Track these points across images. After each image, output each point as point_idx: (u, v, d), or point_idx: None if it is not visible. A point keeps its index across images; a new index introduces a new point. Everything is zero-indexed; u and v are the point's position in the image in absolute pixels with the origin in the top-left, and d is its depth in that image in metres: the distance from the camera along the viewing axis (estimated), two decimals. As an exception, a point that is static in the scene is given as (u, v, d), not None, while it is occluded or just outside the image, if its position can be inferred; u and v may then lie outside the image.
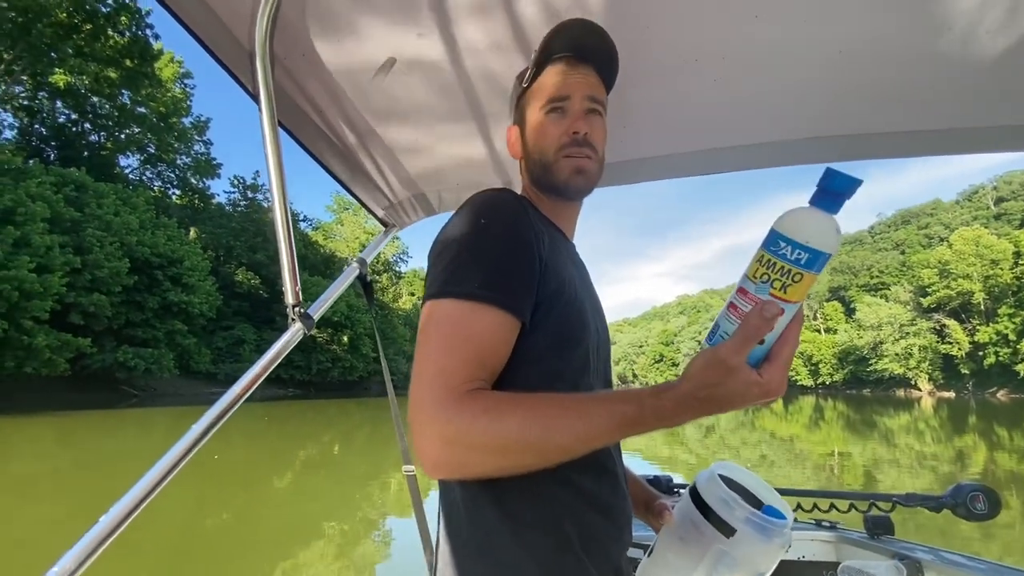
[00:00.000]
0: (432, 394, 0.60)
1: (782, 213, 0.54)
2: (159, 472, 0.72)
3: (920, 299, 60.95)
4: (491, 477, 0.62)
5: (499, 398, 0.62)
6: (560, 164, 0.80)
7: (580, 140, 0.80)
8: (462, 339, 0.63)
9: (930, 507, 1.36)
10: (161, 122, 34.52)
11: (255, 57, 0.80)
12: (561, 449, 0.59)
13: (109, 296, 23.62)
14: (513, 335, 0.67)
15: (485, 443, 0.58)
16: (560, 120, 0.80)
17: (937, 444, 14.88)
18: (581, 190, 0.83)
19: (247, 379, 0.86)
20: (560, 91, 0.80)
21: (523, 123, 0.86)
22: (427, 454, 0.59)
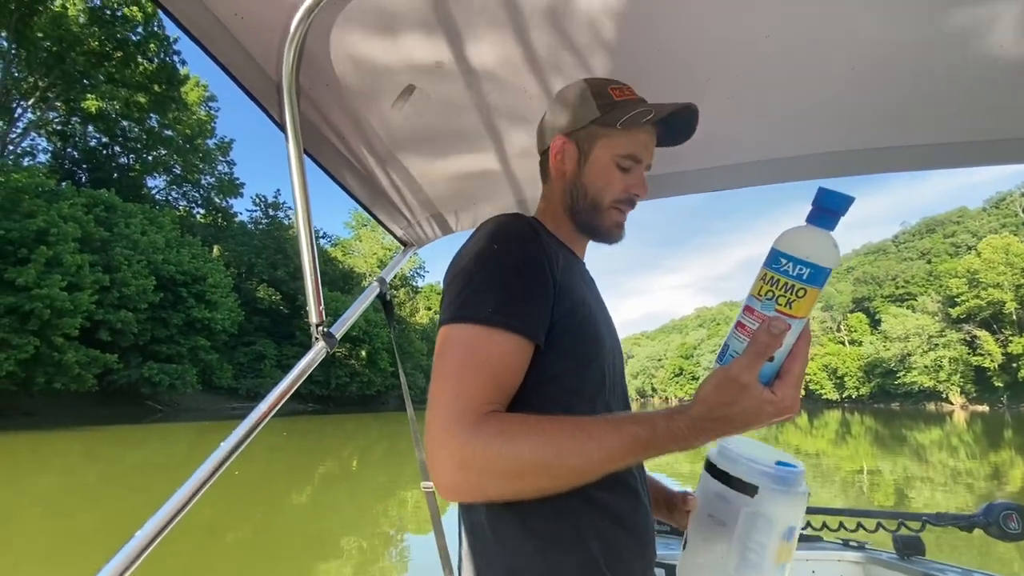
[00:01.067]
0: (447, 418, 0.61)
1: (781, 233, 0.56)
2: (191, 487, 0.74)
3: (949, 309, 59.14)
4: (507, 500, 0.64)
5: (512, 421, 0.63)
6: (610, 213, 0.85)
7: (633, 201, 0.86)
8: (476, 363, 0.64)
9: (961, 526, 1.32)
10: (187, 144, 35.69)
11: (282, 89, 0.84)
12: (575, 472, 0.60)
13: (136, 313, 24.22)
14: (527, 358, 0.68)
15: (499, 466, 0.59)
16: (625, 176, 0.84)
17: (972, 460, 14.32)
18: (615, 241, 0.89)
19: (274, 396, 0.89)
20: (641, 154, 0.85)
21: (587, 151, 0.85)
22: (442, 478, 0.60)
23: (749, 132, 1.19)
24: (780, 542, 0.65)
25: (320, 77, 0.94)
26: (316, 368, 1.04)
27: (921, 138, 1.18)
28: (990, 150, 1.17)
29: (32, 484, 9.24)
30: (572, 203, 0.87)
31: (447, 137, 1.16)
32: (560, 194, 0.89)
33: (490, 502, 0.71)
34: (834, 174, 1.27)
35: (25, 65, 25.48)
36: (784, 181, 1.31)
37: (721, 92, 1.05)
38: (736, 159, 1.28)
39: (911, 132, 1.16)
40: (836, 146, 1.22)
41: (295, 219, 0.90)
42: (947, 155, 1.20)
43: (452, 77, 0.98)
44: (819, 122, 1.15)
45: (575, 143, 0.86)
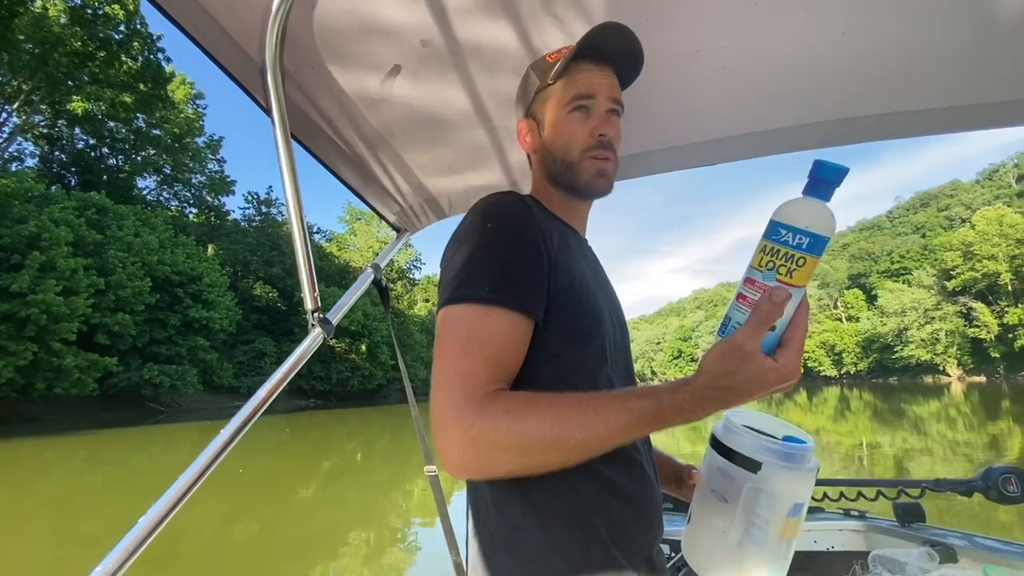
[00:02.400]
0: (453, 397, 0.61)
1: (779, 205, 0.57)
2: (189, 479, 0.74)
3: (944, 283, 59.50)
4: (515, 476, 0.63)
5: (519, 398, 0.63)
6: (584, 165, 0.81)
7: (605, 143, 0.81)
8: (478, 342, 0.64)
9: (960, 491, 1.33)
10: (176, 143, 35.29)
11: (266, 72, 0.83)
12: (582, 446, 0.60)
13: (133, 315, 24.13)
14: (527, 335, 0.68)
15: (508, 443, 0.59)
16: (584, 120, 0.81)
17: (970, 431, 14.48)
18: (602, 192, 0.85)
19: (269, 386, 0.89)
20: (587, 90, 0.81)
21: (541, 118, 0.85)
22: (451, 456, 0.60)
23: (740, 104, 1.17)
24: (785, 518, 0.64)
25: (305, 59, 0.92)
26: (317, 363, 1.04)
27: (914, 104, 1.17)
28: (982, 114, 1.16)
29: (38, 489, 9.27)
30: (549, 172, 0.86)
31: (437, 119, 1.14)
32: (539, 169, 0.89)
33: (495, 479, 0.71)
34: (828, 143, 1.26)
35: (8, 68, 25.06)
36: (777, 152, 1.30)
37: (711, 63, 1.04)
38: (728, 132, 1.27)
39: (904, 98, 1.15)
40: (829, 115, 1.21)
41: (285, 205, 0.89)
42: (941, 120, 1.19)
43: (438, 57, 0.96)
44: (811, 91, 1.14)
45: (532, 118, 0.88)
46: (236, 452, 0.81)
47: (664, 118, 1.22)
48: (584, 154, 0.81)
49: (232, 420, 0.81)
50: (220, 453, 0.80)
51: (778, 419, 0.76)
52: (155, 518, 0.72)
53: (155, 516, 0.72)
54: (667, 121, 1.23)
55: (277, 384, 0.89)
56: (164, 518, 0.73)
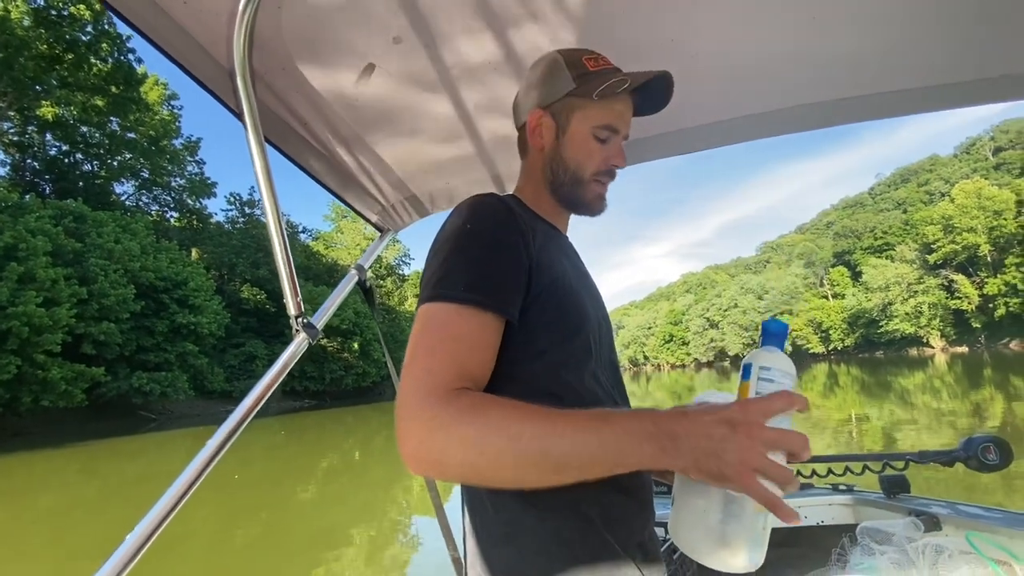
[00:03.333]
0: (417, 391, 0.61)
1: (752, 354, 0.68)
2: (179, 489, 0.74)
3: (926, 256, 60.57)
4: (473, 483, 0.63)
5: (484, 400, 0.62)
6: (591, 186, 0.86)
7: (614, 172, 0.87)
8: (448, 340, 0.65)
9: (943, 462, 1.37)
10: (152, 146, 34.52)
11: (235, 76, 0.81)
12: (542, 455, 0.56)
13: (118, 323, 23.74)
14: (498, 334, 0.69)
15: (465, 441, 0.57)
16: (604, 147, 0.85)
17: (954, 400, 14.84)
18: (599, 213, 0.90)
19: (257, 392, 0.88)
20: (618, 124, 0.85)
21: (564, 124, 0.85)
22: (407, 449, 0.59)
23: (717, 91, 1.18)
24: None
25: (275, 61, 0.91)
26: (309, 364, 1.03)
27: (887, 85, 1.18)
28: (956, 92, 1.18)
29: (31, 504, 9.16)
30: (553, 177, 0.87)
31: (415, 116, 1.13)
32: (540, 169, 0.88)
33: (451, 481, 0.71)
34: (804, 128, 1.27)
35: (-29, 75, 24.35)
36: (755, 138, 1.30)
37: (686, 52, 1.04)
38: (705, 120, 1.27)
39: (877, 80, 1.16)
40: (804, 99, 1.22)
41: (263, 210, 0.88)
42: (916, 100, 1.20)
43: (413, 53, 0.95)
44: (785, 76, 1.15)
45: (551, 116, 0.85)
46: (231, 458, 0.81)
47: None
48: (593, 176, 0.86)
49: (220, 428, 0.80)
50: (210, 461, 0.80)
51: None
52: (149, 527, 0.72)
53: (149, 525, 0.72)
54: None
55: (264, 392, 0.88)
56: (158, 527, 0.73)
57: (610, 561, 0.70)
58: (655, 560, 0.76)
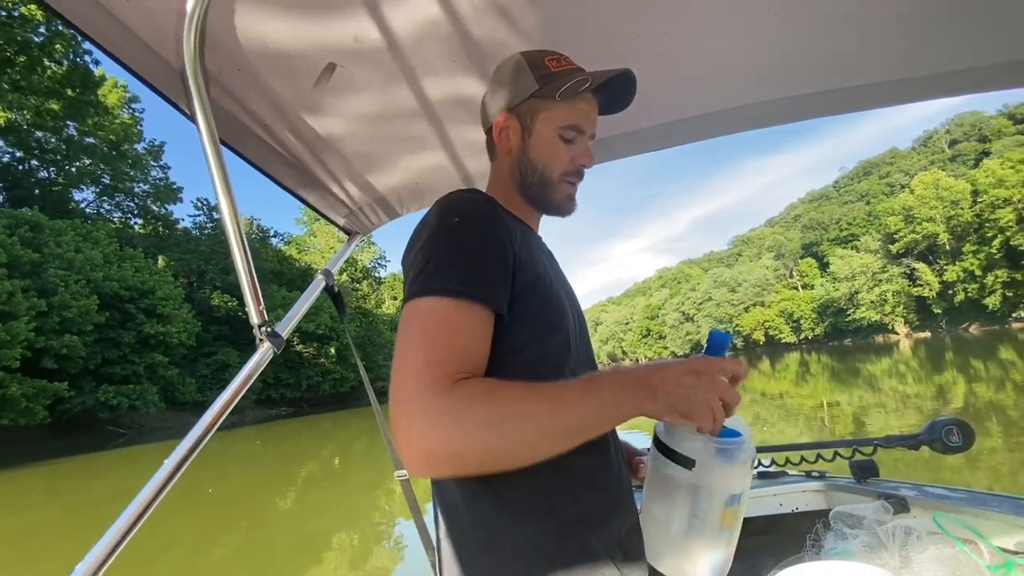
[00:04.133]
0: (421, 385, 0.58)
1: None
2: (139, 506, 0.70)
3: (889, 246, 62.81)
4: (488, 471, 0.60)
5: (494, 382, 0.62)
6: (560, 187, 0.86)
7: (581, 172, 0.88)
8: (447, 332, 0.63)
9: (909, 446, 1.40)
10: (113, 151, 33.27)
11: (187, 77, 0.78)
12: (559, 424, 0.60)
13: (81, 336, 22.87)
14: (491, 328, 0.68)
15: (485, 419, 0.57)
16: (571, 147, 0.85)
17: (919, 383, 15.40)
18: (568, 213, 0.90)
19: (219, 405, 0.85)
20: (583, 124, 0.85)
21: (529, 125, 0.85)
22: (420, 446, 0.56)
23: (681, 88, 1.19)
24: (723, 509, 0.68)
25: (230, 61, 0.87)
26: (284, 371, 1.00)
27: (848, 80, 1.20)
28: (913, 87, 1.21)
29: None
30: (521, 179, 0.87)
31: (380, 117, 1.11)
32: (508, 170, 0.89)
33: (465, 480, 0.71)
34: (768, 123, 1.29)
35: (-85, 80, 23.11)
36: (722, 134, 1.32)
37: (650, 50, 1.04)
38: (672, 116, 1.28)
39: (838, 75, 1.19)
40: (767, 95, 1.23)
41: (220, 215, 0.84)
42: (876, 95, 1.23)
43: (374, 52, 0.93)
44: (748, 72, 1.16)
45: (517, 118, 0.86)
46: (205, 471, 0.77)
47: None
48: (562, 177, 0.86)
49: (181, 443, 0.77)
50: (172, 475, 0.76)
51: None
52: (108, 546, 0.68)
53: (108, 544, 0.68)
54: None
55: (226, 405, 0.85)
56: (118, 545, 0.69)
57: (588, 563, 0.69)
58: (636, 558, 0.76)
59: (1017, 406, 9.46)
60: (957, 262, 56.00)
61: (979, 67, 1.15)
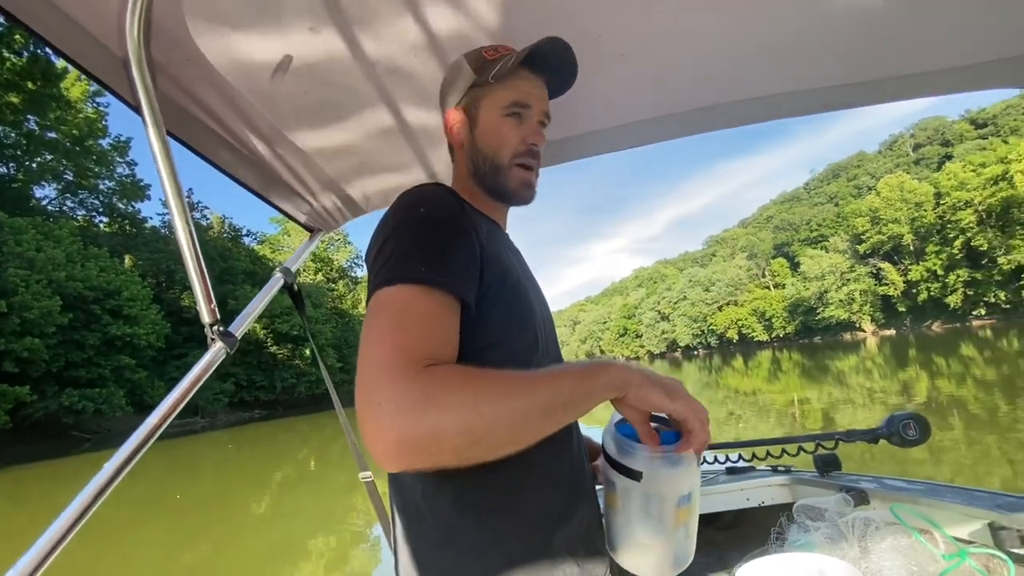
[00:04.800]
0: (391, 372, 0.55)
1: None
2: (74, 513, 0.67)
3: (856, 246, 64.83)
4: (467, 458, 0.55)
5: (468, 366, 0.60)
6: (512, 172, 0.84)
7: (534, 152, 0.85)
8: (415, 319, 0.61)
9: (868, 440, 1.44)
10: (76, 146, 32.03)
11: (130, 66, 0.74)
12: (534, 406, 0.58)
13: (43, 338, 21.99)
14: (458, 319, 0.66)
15: (463, 404, 0.54)
16: (517, 126, 0.84)
17: (884, 379, 15.91)
18: (526, 201, 0.88)
19: (166, 406, 0.81)
20: (525, 98, 0.84)
21: (474, 115, 0.86)
22: (389, 436, 0.52)
23: (644, 89, 1.19)
24: (675, 509, 0.70)
25: (179, 50, 0.84)
26: (258, 373, 0.96)
27: (811, 82, 1.22)
28: (873, 90, 1.24)
29: (-52, 538, 8.34)
30: (476, 169, 0.87)
31: (340, 111, 1.08)
32: (464, 164, 0.89)
33: (426, 479, 0.70)
34: (730, 124, 1.30)
35: None
36: (685, 135, 1.33)
37: (613, 50, 1.04)
38: (635, 116, 1.28)
39: (800, 77, 1.21)
40: (729, 96, 1.25)
41: (169, 212, 0.81)
42: (837, 97, 1.26)
43: (332, 44, 0.90)
44: (711, 73, 1.17)
45: (463, 111, 0.87)
46: (176, 477, 0.74)
47: (573, 106, 1.21)
48: (513, 160, 0.84)
49: (119, 451, 0.73)
50: (111, 482, 0.72)
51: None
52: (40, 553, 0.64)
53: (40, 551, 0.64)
54: (575, 108, 1.22)
55: (173, 406, 0.81)
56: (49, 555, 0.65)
57: (549, 559, 0.69)
58: (597, 553, 0.76)
59: (977, 401, 9.85)
60: (921, 262, 58.11)
61: (945, 69, 1.18)
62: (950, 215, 53.67)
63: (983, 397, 10.21)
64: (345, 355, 39.19)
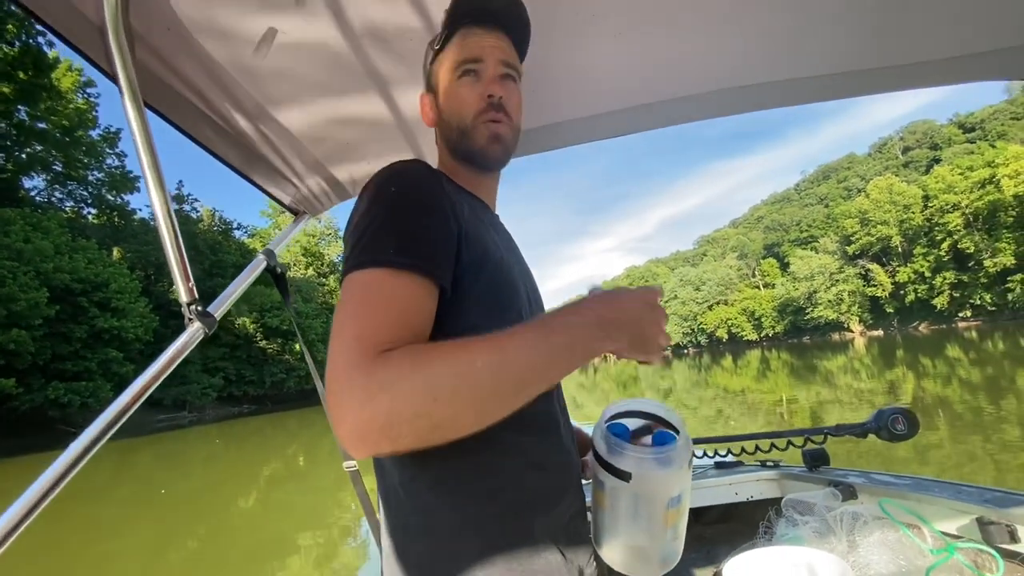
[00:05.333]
0: (348, 358, 0.54)
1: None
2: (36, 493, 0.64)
3: (845, 248, 65.47)
4: (431, 440, 0.54)
5: (422, 346, 0.58)
6: (478, 130, 0.80)
7: (496, 104, 0.79)
8: (380, 303, 0.59)
9: (856, 434, 1.44)
10: (66, 137, 31.48)
11: (107, 33, 0.71)
12: (495, 378, 0.55)
13: (30, 330, 21.66)
14: (433, 301, 0.64)
15: (413, 388, 0.52)
16: (474, 84, 0.80)
17: (871, 379, 16.08)
18: (498, 159, 0.83)
19: (138, 386, 0.78)
20: (473, 53, 0.80)
21: (436, 89, 0.84)
22: (346, 425, 0.51)
23: (635, 74, 1.17)
24: (665, 511, 0.69)
25: (158, 19, 0.81)
26: (247, 367, 0.93)
27: (805, 70, 1.21)
28: (869, 79, 1.23)
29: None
30: (448, 142, 0.85)
31: (327, 88, 1.05)
32: (441, 141, 0.87)
33: (405, 463, 0.68)
34: (724, 112, 1.29)
35: None
36: (680, 122, 1.31)
37: (607, 30, 1.02)
38: (629, 102, 1.26)
39: (795, 65, 1.19)
40: (725, 83, 1.23)
41: (145, 185, 0.78)
42: (833, 86, 1.24)
43: (318, 20, 0.87)
44: (709, 59, 1.15)
45: (428, 91, 0.87)
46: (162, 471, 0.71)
47: (566, 89, 1.19)
48: (477, 119, 0.79)
49: (84, 433, 0.70)
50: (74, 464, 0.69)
51: (660, 404, 0.79)
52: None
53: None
54: (569, 92, 1.20)
55: (146, 386, 0.78)
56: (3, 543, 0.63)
57: (529, 547, 0.66)
58: (581, 542, 0.74)
59: (963, 401, 9.98)
60: (908, 264, 58.83)
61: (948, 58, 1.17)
62: (938, 218, 54.37)
63: (968, 398, 10.34)
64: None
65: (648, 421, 0.71)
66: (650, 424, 0.71)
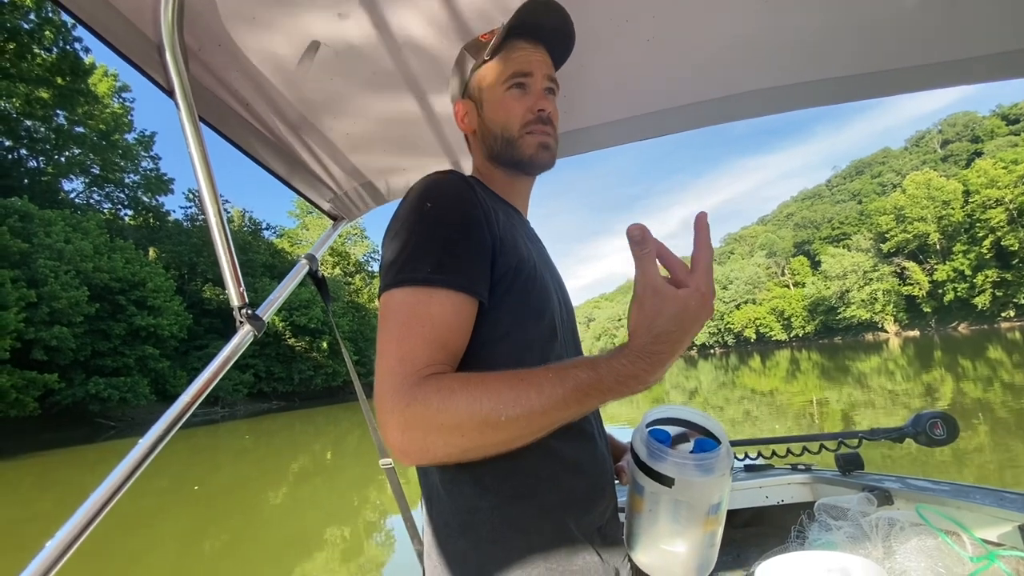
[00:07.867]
0: (393, 382, 0.60)
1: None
2: (110, 488, 0.69)
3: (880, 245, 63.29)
4: (461, 460, 0.61)
5: (452, 378, 0.61)
6: (525, 140, 0.82)
7: (544, 117, 0.83)
8: (419, 324, 0.62)
9: (893, 438, 1.41)
10: (103, 140, 32.86)
11: (164, 50, 0.76)
12: (517, 422, 0.57)
13: (71, 327, 22.67)
14: (471, 315, 0.66)
15: (440, 423, 0.57)
16: (522, 97, 0.83)
17: (907, 381, 15.54)
18: (545, 165, 0.86)
19: (197, 386, 0.83)
20: (524, 67, 0.83)
21: (479, 97, 0.86)
22: (392, 443, 0.59)
23: (671, 75, 1.17)
24: (705, 517, 0.69)
25: (210, 36, 0.85)
26: (276, 365, 0.98)
27: (837, 70, 1.19)
28: (901, 78, 1.20)
29: (-20, 519, 8.66)
30: (490, 150, 0.86)
31: (365, 99, 1.09)
32: (479, 149, 0.89)
33: (443, 464, 0.70)
34: (758, 113, 1.28)
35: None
36: (711, 124, 1.31)
37: (640, 34, 1.03)
38: (660, 105, 1.26)
39: (826, 65, 1.18)
40: (757, 84, 1.22)
41: (199, 193, 0.83)
42: (864, 86, 1.22)
43: (359, 30, 0.91)
44: (737, 61, 1.15)
45: (469, 98, 0.88)
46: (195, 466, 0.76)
47: (597, 93, 1.20)
48: (523, 129, 0.83)
49: (155, 426, 0.75)
50: (145, 458, 0.74)
51: (699, 412, 0.78)
52: (74, 530, 0.66)
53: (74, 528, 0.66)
54: (600, 96, 1.21)
55: (204, 386, 0.83)
56: (84, 530, 0.67)
57: (567, 547, 0.68)
58: (615, 544, 0.76)
59: (1004, 405, 9.57)
60: (947, 261, 56.56)
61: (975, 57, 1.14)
62: (979, 213, 52.12)
63: (1011, 401, 9.91)
64: (361, 348, 39.60)
65: (686, 429, 0.72)
66: (687, 432, 0.72)
